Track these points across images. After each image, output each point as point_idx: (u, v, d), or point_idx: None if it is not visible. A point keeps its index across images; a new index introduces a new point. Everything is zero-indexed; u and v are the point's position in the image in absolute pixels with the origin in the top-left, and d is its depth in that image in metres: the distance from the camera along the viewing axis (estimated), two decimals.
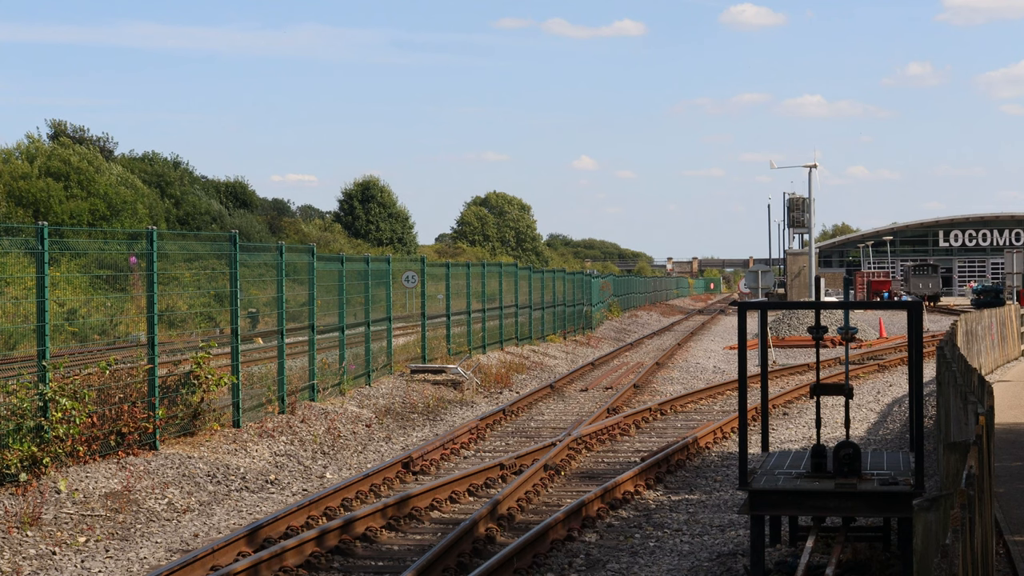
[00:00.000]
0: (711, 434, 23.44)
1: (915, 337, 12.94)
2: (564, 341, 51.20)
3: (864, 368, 38.50)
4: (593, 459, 21.64)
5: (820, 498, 12.59)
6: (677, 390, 33.17)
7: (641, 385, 33.81)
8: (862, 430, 24.90)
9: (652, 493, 18.40)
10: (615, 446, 23.19)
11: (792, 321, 53.44)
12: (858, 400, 29.21)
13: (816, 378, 14.22)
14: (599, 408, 27.96)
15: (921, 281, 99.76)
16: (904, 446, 21.36)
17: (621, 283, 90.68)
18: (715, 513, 16.98)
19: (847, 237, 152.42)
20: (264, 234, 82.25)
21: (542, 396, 30.87)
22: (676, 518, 16.68)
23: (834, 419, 25.25)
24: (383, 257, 32.67)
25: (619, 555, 14.57)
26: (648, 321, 77.82)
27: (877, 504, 12.50)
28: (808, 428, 24.87)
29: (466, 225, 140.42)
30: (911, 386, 13.01)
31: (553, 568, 13.90)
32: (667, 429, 25.49)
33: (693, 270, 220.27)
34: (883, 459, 14.03)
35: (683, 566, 14.00)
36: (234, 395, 21.93)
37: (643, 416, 26.58)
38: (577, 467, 20.73)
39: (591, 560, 14.30)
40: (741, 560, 13.90)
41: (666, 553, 14.70)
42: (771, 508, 12.79)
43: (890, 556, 13.42)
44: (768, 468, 13.52)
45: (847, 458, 12.80)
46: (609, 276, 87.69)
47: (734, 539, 15.29)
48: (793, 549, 13.90)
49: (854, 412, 26.73)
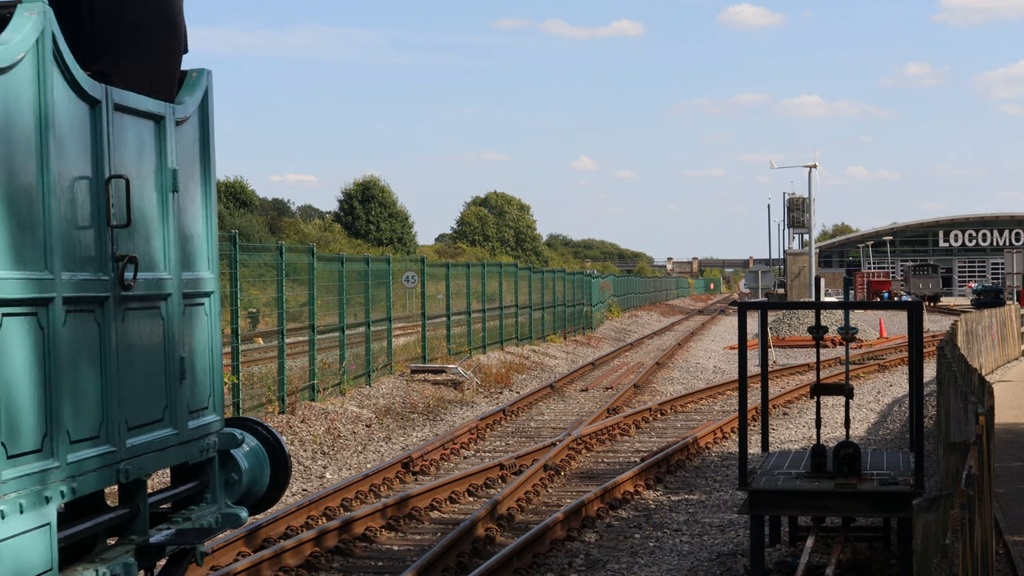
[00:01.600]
0: (711, 434, 23.43)
1: (915, 337, 12.94)
2: (564, 341, 51.20)
3: (864, 368, 38.50)
4: (593, 459, 21.64)
5: (820, 498, 12.60)
6: (677, 390, 33.17)
7: (641, 385, 33.81)
8: (862, 430, 24.90)
9: (652, 493, 18.40)
10: (615, 446, 23.19)
11: (792, 321, 53.44)
12: (858, 400, 29.21)
13: (816, 378, 14.23)
14: (599, 408, 27.96)
15: (921, 281, 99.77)
16: (904, 446, 21.35)
17: (621, 283, 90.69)
18: (715, 513, 16.98)
19: (847, 237, 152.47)
20: (264, 234, 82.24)
21: (542, 396, 30.87)
22: (676, 518, 16.68)
23: (834, 419, 25.25)
24: (383, 257, 32.66)
25: (619, 555, 14.57)
26: (648, 321, 77.82)
27: (877, 504, 12.50)
28: (808, 428, 24.87)
29: (466, 225, 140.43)
30: (911, 386, 13.01)
31: (553, 568, 13.89)
32: (667, 429, 25.48)
33: (693, 270, 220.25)
34: (883, 459, 14.03)
35: (683, 566, 14.00)
36: (235, 395, 21.92)
37: (643, 416, 26.58)
38: (577, 467, 20.73)
39: (591, 560, 14.29)
40: (741, 560, 13.89)
41: (666, 553, 14.70)
42: (771, 508, 12.79)
43: (890, 556, 13.42)
44: (768, 468, 13.52)
45: (847, 458, 12.80)
46: (609, 276, 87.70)
47: (734, 539, 15.28)
48: (793, 549, 13.90)
49: (854, 412, 26.72)
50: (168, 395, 7.42)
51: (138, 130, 7.11)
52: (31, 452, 6.03)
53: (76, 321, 6.42)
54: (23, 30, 6.11)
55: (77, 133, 6.48)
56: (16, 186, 5.93)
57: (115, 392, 6.76)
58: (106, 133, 6.72)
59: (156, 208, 7.28)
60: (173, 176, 7.42)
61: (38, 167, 6.11)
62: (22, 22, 6.14)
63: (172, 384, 7.44)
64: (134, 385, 6.99)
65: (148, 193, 7.19)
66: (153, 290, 7.19)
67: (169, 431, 7.43)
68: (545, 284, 51.94)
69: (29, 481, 5.96)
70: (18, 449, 5.92)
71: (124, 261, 6.75)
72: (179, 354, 7.52)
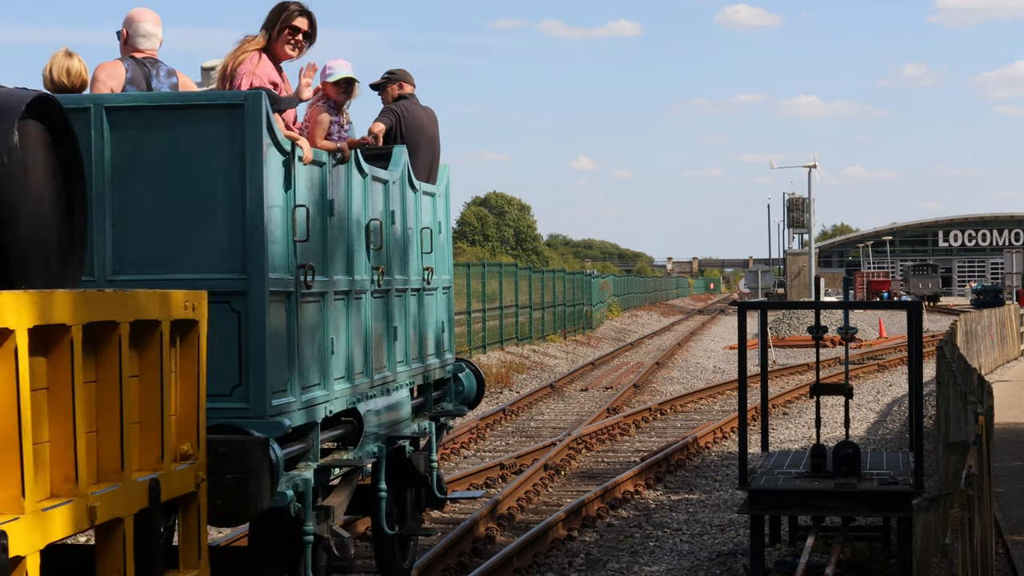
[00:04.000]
0: (711, 434, 23.46)
1: (915, 337, 12.97)
2: (564, 341, 51.21)
3: (864, 368, 38.52)
4: (593, 459, 21.66)
5: (820, 498, 12.62)
6: (677, 390, 33.19)
7: (641, 385, 33.84)
8: (862, 430, 24.93)
9: (652, 493, 18.42)
10: (615, 446, 23.21)
11: (792, 321, 53.43)
12: (858, 400, 29.23)
13: (816, 378, 14.25)
14: (599, 408, 27.98)
15: (921, 281, 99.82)
16: (904, 446, 21.37)
17: (621, 283, 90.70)
18: (715, 513, 17.00)
19: (846, 237, 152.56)
20: None
21: (542, 396, 30.88)
22: (676, 518, 16.70)
23: (834, 419, 25.26)
24: None
25: (619, 554, 14.59)
26: (648, 321, 77.84)
27: (876, 504, 12.52)
28: (808, 428, 24.89)
29: (466, 225, 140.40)
30: (911, 386, 13.04)
31: (553, 568, 13.91)
32: (667, 429, 25.51)
33: (693, 270, 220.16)
34: (883, 459, 14.05)
35: (683, 565, 14.02)
36: None
37: (643, 416, 26.60)
38: (577, 467, 20.75)
39: (591, 560, 14.31)
40: (741, 560, 13.91)
41: (666, 552, 14.72)
42: (771, 508, 12.82)
43: (890, 556, 13.45)
44: (768, 468, 13.54)
45: (847, 458, 12.82)
46: (609, 276, 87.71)
47: (734, 539, 15.30)
48: (793, 549, 13.92)
49: (854, 412, 26.73)
50: (436, 342, 12.45)
51: (415, 197, 11.80)
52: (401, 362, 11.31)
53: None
54: (400, 164, 11.36)
55: (409, 206, 11.66)
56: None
57: (419, 337, 11.88)
58: (405, 200, 11.55)
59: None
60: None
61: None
62: (398, 158, 11.38)
63: (439, 336, 12.55)
64: (423, 335, 12.03)
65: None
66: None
67: (438, 360, 12.52)
68: (545, 284, 51.94)
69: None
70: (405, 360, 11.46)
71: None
72: (441, 319, 12.62)
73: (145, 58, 9.28)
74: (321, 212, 9.41)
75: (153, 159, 8.47)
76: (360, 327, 10.19)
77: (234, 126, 8.40)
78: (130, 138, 8.47)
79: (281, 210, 8.65)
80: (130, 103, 8.59)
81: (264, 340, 8.35)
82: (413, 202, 11.71)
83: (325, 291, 9.41)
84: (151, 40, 9.34)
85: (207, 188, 8.42)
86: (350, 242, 9.99)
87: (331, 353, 9.49)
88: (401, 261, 11.31)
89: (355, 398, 10.01)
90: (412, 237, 11.68)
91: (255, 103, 8.41)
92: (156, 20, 9.36)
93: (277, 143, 8.62)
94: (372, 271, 10.43)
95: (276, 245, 8.54)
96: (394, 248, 11.07)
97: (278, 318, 8.60)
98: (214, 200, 8.42)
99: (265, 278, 8.36)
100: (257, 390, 8.33)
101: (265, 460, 7.96)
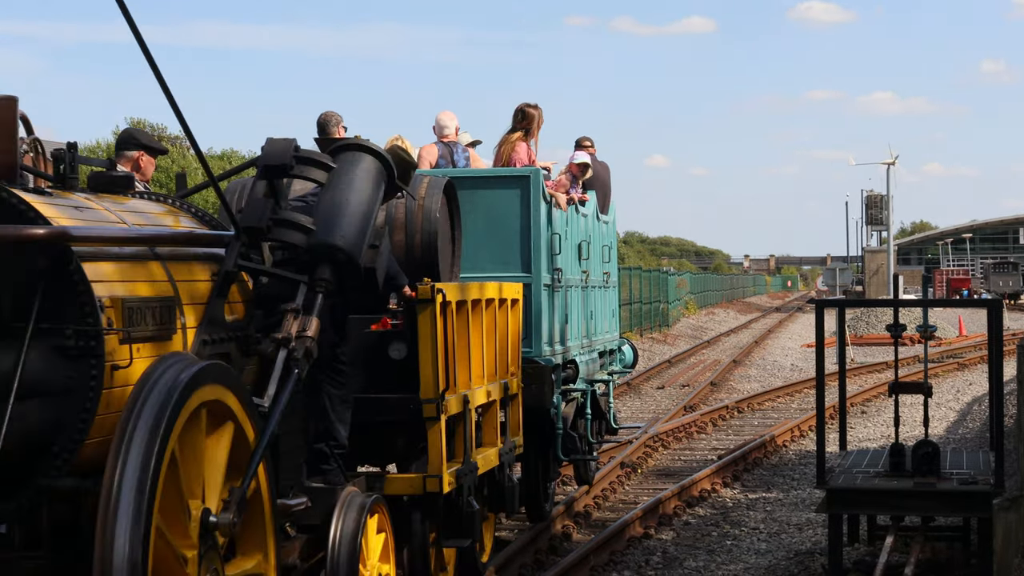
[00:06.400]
0: (788, 432, 23.37)
1: (995, 335, 12.87)
2: (641, 338, 51.11)
3: (943, 366, 38.19)
4: (670, 456, 21.65)
5: (898, 497, 12.55)
6: (754, 388, 33.06)
7: (718, 383, 33.73)
8: (941, 429, 24.73)
9: (729, 491, 18.38)
10: (692, 443, 23.18)
11: (870, 319, 53.02)
12: (937, 399, 28.95)
13: (895, 376, 14.15)
14: (676, 406, 27.94)
15: (1001, 279, 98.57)
16: (984, 445, 21.16)
17: (698, 280, 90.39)
18: (792, 511, 16.93)
19: (925, 235, 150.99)
20: None
21: (618, 393, 30.83)
22: (753, 516, 16.65)
23: (913, 418, 25.05)
24: None
25: (696, 553, 14.57)
26: (725, 318, 77.53)
27: (956, 504, 12.43)
28: (886, 427, 24.72)
29: None
30: (991, 384, 12.94)
31: (630, 566, 13.92)
32: (744, 427, 25.43)
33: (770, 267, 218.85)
34: (963, 458, 13.94)
35: (761, 564, 13.98)
36: None
37: (720, 414, 26.53)
38: (654, 464, 20.75)
39: (668, 558, 14.30)
40: (819, 559, 13.85)
41: (743, 551, 14.69)
42: (849, 507, 12.75)
43: (970, 556, 13.34)
44: (846, 467, 13.48)
45: (926, 457, 12.74)
46: (686, 273, 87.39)
47: (812, 538, 15.24)
48: (871, 548, 13.84)
49: (933, 411, 26.47)
50: (611, 323, 17.55)
51: (598, 225, 16.60)
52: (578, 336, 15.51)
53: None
54: (592, 204, 16.25)
55: (598, 231, 16.76)
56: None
57: (603, 317, 16.94)
58: (596, 227, 16.58)
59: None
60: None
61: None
62: (591, 201, 16.24)
63: (612, 319, 17.60)
64: (605, 317, 17.09)
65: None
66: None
67: (612, 335, 17.62)
68: (621, 281, 51.73)
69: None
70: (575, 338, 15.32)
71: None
72: (613, 307, 17.66)
73: (449, 141, 14.13)
74: (562, 237, 14.37)
75: (482, 208, 13.51)
76: (578, 309, 15.34)
77: (524, 189, 13.64)
78: (468, 197, 13.06)
79: (545, 238, 13.73)
80: (469, 174, 13.78)
81: (541, 313, 13.64)
82: (597, 228, 16.50)
83: (566, 286, 14.57)
84: (449, 129, 14.18)
85: (511, 225, 13.59)
86: (574, 255, 15.13)
87: (566, 324, 14.67)
88: (594, 267, 16.34)
89: (576, 353, 15.06)
90: (598, 251, 16.61)
91: (536, 176, 13.72)
92: (452, 116, 14.25)
93: (544, 198, 13.74)
94: (581, 273, 15.50)
95: (543, 258, 13.70)
96: (592, 258, 16.13)
97: (547, 301, 13.86)
98: (515, 233, 13.60)
99: (540, 277, 13.65)
100: (536, 341, 13.57)
101: (549, 378, 13.25)
